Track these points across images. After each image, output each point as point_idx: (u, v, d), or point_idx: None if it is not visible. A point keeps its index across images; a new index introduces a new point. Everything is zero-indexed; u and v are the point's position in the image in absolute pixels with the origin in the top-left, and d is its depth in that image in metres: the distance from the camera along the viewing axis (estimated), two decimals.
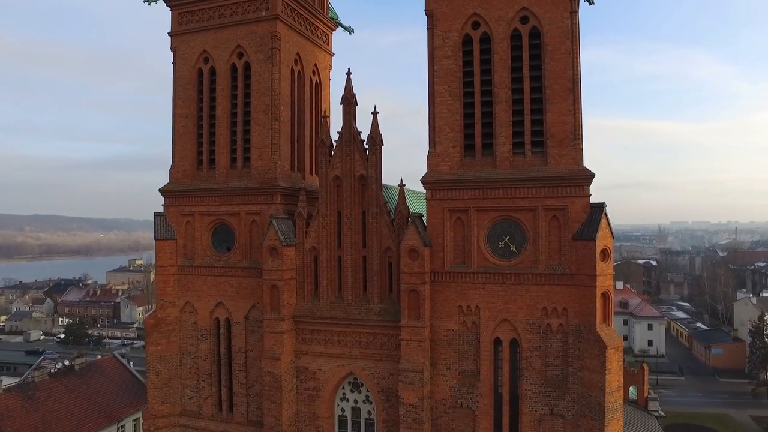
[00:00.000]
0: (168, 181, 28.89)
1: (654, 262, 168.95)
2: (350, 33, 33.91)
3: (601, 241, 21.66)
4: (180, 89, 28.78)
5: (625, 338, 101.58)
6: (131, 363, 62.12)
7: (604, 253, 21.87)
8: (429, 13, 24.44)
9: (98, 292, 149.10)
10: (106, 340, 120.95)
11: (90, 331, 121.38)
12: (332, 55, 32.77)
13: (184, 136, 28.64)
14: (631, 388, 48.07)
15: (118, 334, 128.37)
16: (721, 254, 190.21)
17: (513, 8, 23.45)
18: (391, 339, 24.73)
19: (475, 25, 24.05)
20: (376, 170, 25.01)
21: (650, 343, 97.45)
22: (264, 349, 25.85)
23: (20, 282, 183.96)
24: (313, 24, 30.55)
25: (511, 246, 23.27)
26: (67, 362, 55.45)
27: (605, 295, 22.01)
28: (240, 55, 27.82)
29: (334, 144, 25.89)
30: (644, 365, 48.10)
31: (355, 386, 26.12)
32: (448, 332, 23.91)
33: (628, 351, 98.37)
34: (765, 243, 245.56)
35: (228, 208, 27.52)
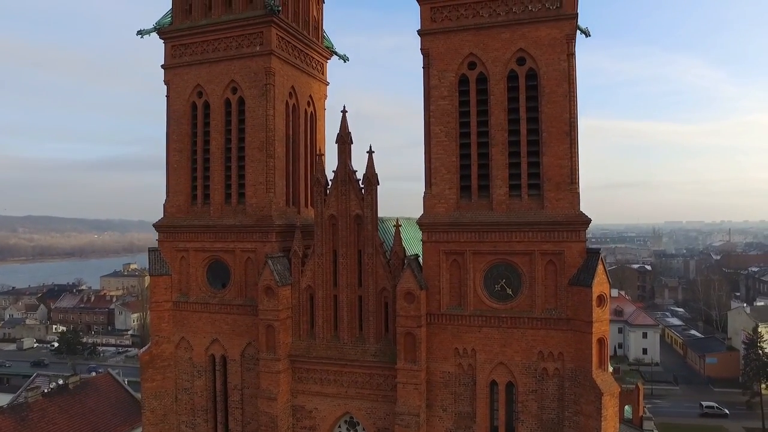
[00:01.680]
0: (162, 216, 28.68)
1: (648, 267, 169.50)
2: (345, 61, 33.73)
3: (597, 287, 21.62)
4: (174, 123, 28.54)
5: (620, 346, 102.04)
6: (126, 380, 61.79)
7: (600, 299, 21.83)
8: (425, 52, 24.32)
9: (92, 298, 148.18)
10: (101, 348, 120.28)
11: (84, 339, 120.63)
12: (327, 84, 32.61)
13: (178, 170, 28.42)
14: (626, 407, 48.25)
15: (112, 341, 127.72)
16: (715, 257, 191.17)
17: (510, 49, 23.37)
18: (387, 380, 24.65)
19: (472, 66, 23.96)
20: (372, 210, 24.88)
21: (645, 351, 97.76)
22: (260, 389, 25.71)
23: (13, 288, 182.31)
24: (308, 55, 30.37)
25: (508, 289, 23.22)
26: (60, 381, 55.10)
27: (601, 341, 21.98)
28: (234, 90, 27.62)
29: (329, 182, 25.77)
30: (639, 385, 48.29)
31: (352, 425, 26.02)
32: (445, 374, 23.86)
33: (623, 359, 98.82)
34: (758, 245, 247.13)
35: (223, 245, 27.35)
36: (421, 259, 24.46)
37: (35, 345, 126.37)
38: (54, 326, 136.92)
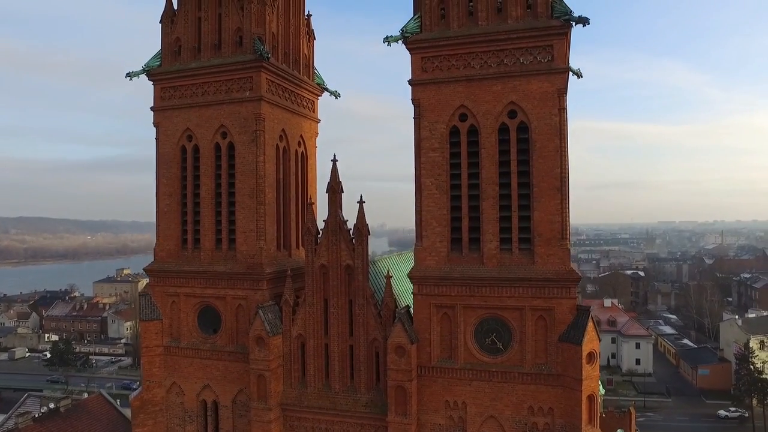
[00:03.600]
0: (153, 261, 28.52)
1: (641, 273, 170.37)
2: (336, 98, 33.56)
3: (588, 345, 21.65)
4: (163, 167, 28.36)
5: (613, 356, 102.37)
6: (118, 401, 61.35)
7: (590, 356, 21.86)
8: (416, 103, 24.25)
9: (85, 306, 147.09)
10: (94, 357, 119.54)
11: (77, 349, 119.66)
12: (318, 121, 32.48)
13: (168, 215, 28.25)
14: None
15: (105, 350, 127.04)
16: (708, 262, 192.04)
17: (501, 102, 23.32)
18: (378, 430, 24.61)
19: (463, 117, 23.90)
20: (363, 260, 24.82)
21: (638, 361, 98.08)
22: None
23: (5, 295, 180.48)
24: (298, 95, 30.24)
25: (498, 343, 23.23)
26: (51, 405, 54.75)
27: (591, 398, 22.03)
28: (224, 135, 27.47)
29: (320, 231, 25.68)
30: (631, 409, 48.28)
31: None
32: (435, 426, 23.85)
33: (616, 370, 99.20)
34: (751, 248, 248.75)
35: (213, 291, 27.22)
36: (411, 310, 24.45)
37: (27, 355, 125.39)
38: (46, 335, 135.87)
